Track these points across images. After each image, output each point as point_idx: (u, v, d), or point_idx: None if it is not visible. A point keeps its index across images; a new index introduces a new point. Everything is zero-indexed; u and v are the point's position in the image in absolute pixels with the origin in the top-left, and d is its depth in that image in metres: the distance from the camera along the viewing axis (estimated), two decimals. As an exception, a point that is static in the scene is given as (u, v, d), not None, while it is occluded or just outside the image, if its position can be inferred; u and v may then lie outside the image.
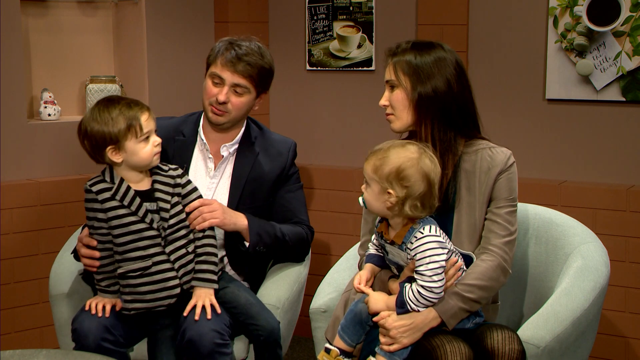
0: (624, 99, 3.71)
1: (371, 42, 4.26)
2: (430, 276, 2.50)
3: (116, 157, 2.82)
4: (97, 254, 2.86)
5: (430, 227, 2.55)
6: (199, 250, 2.90)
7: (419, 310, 2.54)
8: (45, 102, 4.02)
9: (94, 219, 2.85)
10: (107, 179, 2.85)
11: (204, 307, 2.83)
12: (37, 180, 3.90)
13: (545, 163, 3.91)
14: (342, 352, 2.67)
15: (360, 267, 2.87)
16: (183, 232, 2.88)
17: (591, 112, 3.80)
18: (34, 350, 2.66)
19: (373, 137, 3.94)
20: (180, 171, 2.94)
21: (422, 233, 2.53)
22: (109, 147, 2.82)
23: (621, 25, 3.67)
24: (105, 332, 2.82)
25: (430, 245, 2.52)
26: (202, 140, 3.15)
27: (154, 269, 2.83)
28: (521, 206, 3.01)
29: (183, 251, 2.87)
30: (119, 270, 2.84)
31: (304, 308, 3.34)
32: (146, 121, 2.82)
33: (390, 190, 2.52)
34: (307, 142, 4.49)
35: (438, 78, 2.69)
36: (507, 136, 3.86)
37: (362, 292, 2.65)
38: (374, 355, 2.60)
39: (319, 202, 4.33)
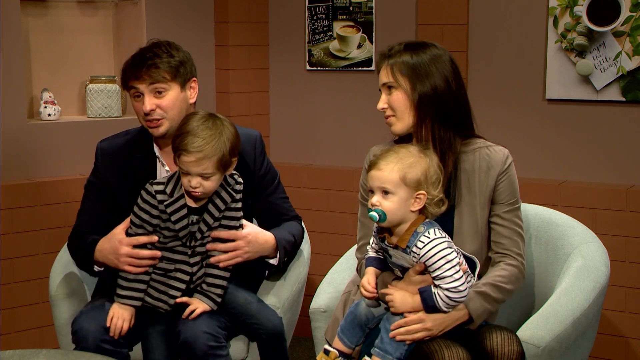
0: (624, 99, 3.70)
1: (371, 42, 4.25)
2: (451, 276, 2.51)
3: None
4: (158, 253, 2.84)
5: (435, 230, 2.55)
6: (210, 271, 2.87)
7: (449, 312, 2.57)
8: (45, 102, 4.02)
9: (147, 221, 2.81)
10: (168, 191, 2.79)
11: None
12: (37, 180, 3.90)
13: (545, 163, 3.91)
14: (341, 354, 2.67)
15: (359, 271, 2.87)
16: (201, 248, 2.87)
17: (591, 112, 3.80)
18: (34, 350, 2.66)
19: (373, 137, 3.95)
20: (240, 186, 2.87)
21: (428, 237, 2.53)
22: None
23: (621, 25, 3.67)
24: (105, 334, 2.82)
25: (440, 247, 2.52)
26: (158, 157, 3.03)
27: (173, 274, 2.84)
28: (521, 206, 3.01)
29: (200, 265, 2.87)
30: None
31: (304, 308, 3.34)
32: (187, 163, 2.73)
33: (423, 192, 2.53)
34: (307, 142, 4.49)
35: (437, 76, 2.69)
36: (507, 136, 3.86)
37: (374, 297, 2.64)
38: (369, 357, 2.59)
39: (319, 202, 4.33)
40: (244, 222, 2.94)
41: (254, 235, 2.94)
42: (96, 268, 2.98)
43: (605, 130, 3.78)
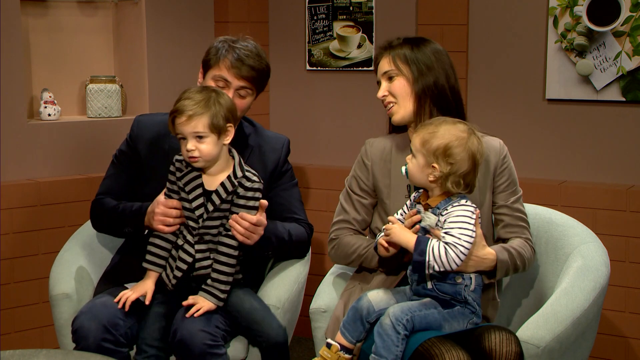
0: (624, 99, 3.71)
1: (371, 42, 4.26)
2: (458, 236, 2.54)
3: None
4: (184, 219, 2.91)
5: (468, 201, 2.62)
6: (216, 267, 2.88)
7: (433, 270, 2.56)
8: (45, 102, 4.02)
9: (170, 189, 2.94)
10: (184, 164, 2.90)
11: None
12: (37, 180, 3.90)
13: (545, 163, 3.91)
14: (343, 349, 2.69)
15: (336, 254, 2.93)
16: (209, 237, 2.89)
17: (591, 112, 3.80)
18: (34, 350, 2.66)
19: (373, 137, 3.93)
20: (254, 184, 2.89)
21: (460, 203, 2.59)
22: None
23: (621, 25, 3.67)
24: (105, 332, 2.82)
25: (466, 213, 2.57)
26: None
27: (179, 253, 2.89)
28: (521, 206, 3.01)
29: (206, 255, 2.89)
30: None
31: (304, 308, 3.34)
32: (179, 125, 2.82)
33: (435, 165, 2.57)
34: (307, 142, 4.49)
35: (438, 69, 2.80)
36: (507, 136, 3.85)
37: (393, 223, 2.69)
38: None
39: (318, 202, 4.33)
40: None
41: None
42: (126, 229, 3.08)
43: (605, 130, 3.78)
